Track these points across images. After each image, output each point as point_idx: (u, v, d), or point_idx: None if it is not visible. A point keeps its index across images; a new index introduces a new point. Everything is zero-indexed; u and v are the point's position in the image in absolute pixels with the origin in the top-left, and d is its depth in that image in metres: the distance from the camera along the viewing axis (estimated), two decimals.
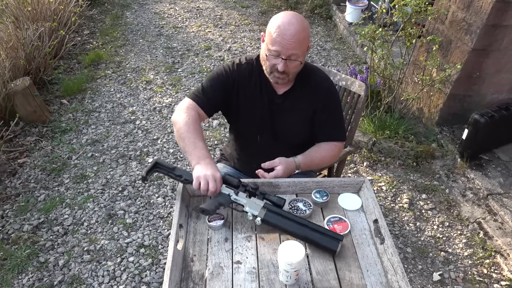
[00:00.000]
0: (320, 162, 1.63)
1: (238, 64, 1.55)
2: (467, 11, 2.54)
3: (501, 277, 2.10)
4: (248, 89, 1.54)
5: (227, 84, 1.54)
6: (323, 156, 1.59)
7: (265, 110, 1.55)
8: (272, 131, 1.58)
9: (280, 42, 1.35)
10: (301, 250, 1.11)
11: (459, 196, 2.54)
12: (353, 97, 1.94)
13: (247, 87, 1.54)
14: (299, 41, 1.36)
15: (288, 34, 1.34)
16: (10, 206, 2.47)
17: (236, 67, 1.55)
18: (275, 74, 1.43)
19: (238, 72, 1.54)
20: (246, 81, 1.54)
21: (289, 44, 1.35)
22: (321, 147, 1.58)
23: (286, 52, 1.36)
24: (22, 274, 2.08)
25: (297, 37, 1.35)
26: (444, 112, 2.86)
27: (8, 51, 3.17)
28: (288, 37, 1.34)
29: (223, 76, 1.54)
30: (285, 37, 1.34)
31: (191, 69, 3.91)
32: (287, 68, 1.40)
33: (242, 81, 1.54)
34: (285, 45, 1.35)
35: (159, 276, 2.07)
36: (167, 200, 2.52)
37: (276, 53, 1.37)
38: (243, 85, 1.54)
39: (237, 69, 1.54)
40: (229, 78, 1.54)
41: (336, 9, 4.85)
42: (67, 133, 3.08)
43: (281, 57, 1.37)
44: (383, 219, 1.31)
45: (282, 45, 1.35)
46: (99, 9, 5.17)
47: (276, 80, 1.45)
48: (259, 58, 1.53)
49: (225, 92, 1.54)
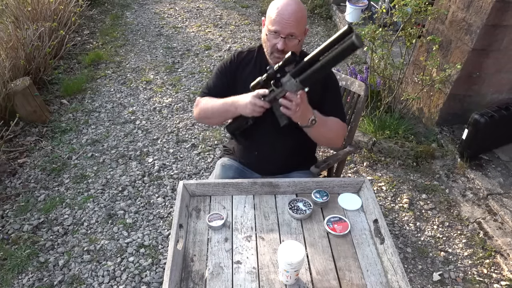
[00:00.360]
0: (330, 129, 1.55)
1: (240, 52, 1.65)
2: (467, 11, 2.54)
3: (501, 277, 2.10)
4: (248, 74, 1.59)
5: (229, 73, 1.63)
6: (333, 125, 1.56)
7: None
8: (275, 118, 1.59)
9: (279, 21, 1.42)
10: (301, 250, 1.11)
11: (459, 196, 2.54)
12: (353, 97, 1.94)
13: (248, 72, 1.61)
14: (297, 20, 1.43)
15: (286, 13, 1.41)
16: (10, 206, 2.47)
17: (237, 55, 1.64)
18: (275, 54, 1.48)
19: (238, 60, 1.64)
20: (247, 67, 1.62)
21: (288, 23, 1.41)
22: (332, 119, 1.56)
23: (285, 31, 1.42)
24: (22, 274, 2.08)
25: (295, 16, 1.42)
26: (444, 112, 2.86)
27: (8, 51, 3.17)
28: (287, 16, 1.41)
29: (225, 67, 1.64)
30: (284, 16, 1.41)
31: (191, 69, 3.91)
32: (286, 46, 1.45)
33: (242, 66, 1.62)
34: (284, 24, 1.42)
35: (159, 276, 2.07)
36: (167, 200, 2.52)
37: (276, 33, 1.44)
38: (244, 70, 1.62)
39: (237, 57, 1.64)
40: (232, 67, 1.63)
41: (336, 9, 4.84)
42: (67, 133, 3.08)
43: (281, 36, 1.43)
44: (383, 219, 1.31)
45: (281, 24, 1.42)
46: (99, 9, 5.17)
47: (276, 60, 1.48)
48: (261, 46, 1.61)
49: (227, 81, 1.63)
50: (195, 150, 2.94)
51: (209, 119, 1.66)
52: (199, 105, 1.66)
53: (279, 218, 1.37)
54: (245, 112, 1.44)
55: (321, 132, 1.52)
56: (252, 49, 1.65)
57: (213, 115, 1.60)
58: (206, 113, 1.62)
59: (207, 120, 1.69)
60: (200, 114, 1.65)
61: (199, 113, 1.65)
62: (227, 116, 1.55)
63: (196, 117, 1.70)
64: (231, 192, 1.46)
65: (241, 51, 1.66)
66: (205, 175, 2.72)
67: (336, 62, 1.25)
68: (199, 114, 1.66)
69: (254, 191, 1.46)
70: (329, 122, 1.53)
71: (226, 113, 1.54)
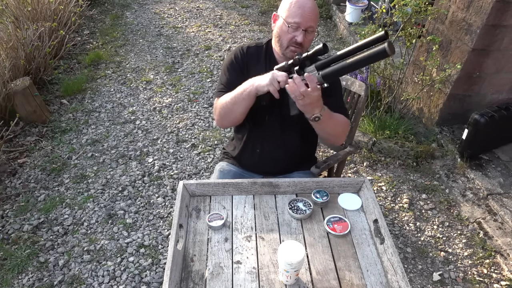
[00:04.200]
0: (336, 124, 1.54)
1: (248, 47, 1.63)
2: (467, 11, 2.54)
3: (501, 277, 2.10)
4: (257, 69, 1.57)
5: (242, 68, 1.61)
6: (340, 121, 1.55)
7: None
8: (280, 112, 1.59)
9: (302, 14, 1.43)
10: (301, 250, 1.11)
11: (459, 196, 2.54)
12: (353, 97, 1.94)
13: (256, 68, 1.59)
14: (316, 14, 1.46)
15: (307, 6, 1.44)
16: (10, 206, 2.47)
17: (246, 50, 1.62)
18: (291, 48, 1.48)
19: (247, 55, 1.62)
20: (255, 62, 1.61)
21: (309, 16, 1.43)
22: (338, 115, 1.54)
23: (306, 23, 1.43)
24: (22, 274, 2.08)
25: (314, 10, 1.45)
26: (444, 112, 2.86)
27: (8, 51, 3.17)
28: (308, 9, 1.43)
29: (236, 63, 1.61)
30: (305, 9, 1.43)
31: (191, 69, 3.91)
32: (304, 40, 1.46)
33: (252, 63, 1.61)
34: (305, 17, 1.43)
35: (159, 276, 2.07)
36: (167, 200, 2.52)
37: (296, 25, 1.44)
38: (253, 66, 1.60)
39: (246, 52, 1.62)
40: (243, 61, 1.61)
41: (336, 9, 4.84)
42: (67, 133, 3.08)
43: (301, 29, 1.44)
44: (383, 219, 1.31)
45: (303, 17, 1.43)
46: (99, 9, 5.17)
47: (291, 54, 1.49)
48: (269, 42, 1.61)
49: (242, 74, 1.59)
50: (195, 150, 2.94)
51: (231, 111, 1.52)
52: (217, 106, 1.56)
53: (279, 218, 1.37)
54: (262, 83, 1.38)
55: (328, 126, 1.49)
56: (260, 45, 1.63)
57: (234, 104, 1.49)
58: (227, 106, 1.51)
59: (231, 116, 1.54)
60: (221, 113, 1.55)
61: (220, 112, 1.55)
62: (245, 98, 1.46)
63: (218, 119, 1.59)
64: (231, 192, 1.46)
65: (249, 45, 1.63)
66: (205, 175, 2.72)
67: (363, 65, 1.23)
68: (220, 114, 1.56)
69: (254, 191, 1.46)
70: (336, 117, 1.52)
71: (242, 96, 1.46)
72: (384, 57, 1.14)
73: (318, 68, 1.29)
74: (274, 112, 1.60)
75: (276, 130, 1.62)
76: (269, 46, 1.61)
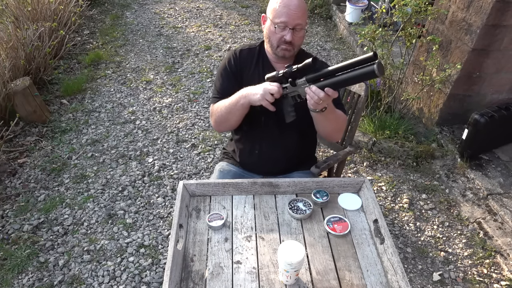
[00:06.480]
0: (337, 117, 1.53)
1: (240, 51, 1.63)
2: (467, 11, 2.54)
3: (501, 277, 2.10)
4: (251, 71, 1.60)
5: (235, 73, 1.61)
6: (339, 115, 1.54)
7: None
8: (276, 115, 1.58)
9: (287, 12, 1.43)
10: (301, 250, 1.11)
11: (459, 196, 2.54)
12: (353, 97, 1.94)
13: (250, 70, 1.60)
14: (302, 11, 1.45)
15: (292, 4, 1.43)
16: (10, 206, 2.47)
17: (238, 53, 1.63)
18: (281, 46, 1.49)
19: (240, 59, 1.62)
20: (249, 65, 1.61)
21: (295, 14, 1.43)
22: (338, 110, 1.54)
23: (293, 22, 1.44)
24: (22, 274, 2.08)
25: (301, 7, 1.44)
26: (444, 112, 2.86)
27: (8, 51, 3.17)
28: (293, 7, 1.43)
29: (229, 69, 1.62)
30: (291, 7, 1.43)
31: (191, 69, 3.91)
32: (294, 38, 1.46)
33: (245, 66, 1.61)
34: (291, 15, 1.43)
35: (159, 276, 2.07)
36: (167, 200, 2.52)
37: (283, 24, 1.44)
38: (247, 69, 1.61)
39: (239, 56, 1.62)
40: (236, 67, 1.61)
41: (336, 9, 4.85)
42: (67, 133, 3.08)
43: (288, 27, 1.44)
44: (383, 219, 1.31)
45: (288, 15, 1.43)
46: (99, 9, 5.17)
47: (283, 53, 1.50)
48: (262, 44, 1.62)
49: (235, 80, 1.60)
50: (195, 150, 2.94)
51: (226, 120, 1.57)
52: (213, 112, 1.60)
53: (279, 218, 1.37)
54: (255, 98, 1.40)
55: (330, 119, 1.49)
56: (253, 47, 1.64)
57: (228, 113, 1.53)
58: (222, 115, 1.56)
59: (226, 123, 1.60)
60: (217, 120, 1.59)
61: (216, 119, 1.59)
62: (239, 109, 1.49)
63: (214, 125, 1.63)
64: (231, 192, 1.46)
65: (241, 49, 1.64)
66: (205, 175, 2.72)
67: (352, 83, 1.25)
68: (216, 121, 1.60)
69: (254, 191, 1.46)
70: (337, 112, 1.53)
71: (236, 107, 1.49)
72: (373, 77, 1.17)
73: (309, 81, 1.32)
74: (270, 114, 1.59)
75: (274, 130, 1.62)
76: (262, 47, 1.62)
